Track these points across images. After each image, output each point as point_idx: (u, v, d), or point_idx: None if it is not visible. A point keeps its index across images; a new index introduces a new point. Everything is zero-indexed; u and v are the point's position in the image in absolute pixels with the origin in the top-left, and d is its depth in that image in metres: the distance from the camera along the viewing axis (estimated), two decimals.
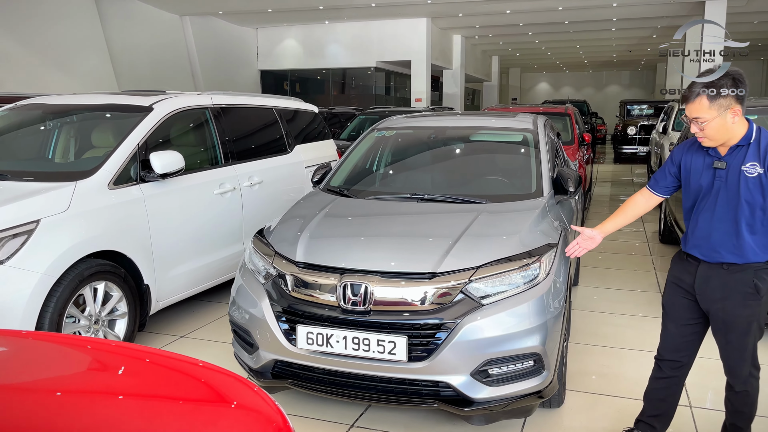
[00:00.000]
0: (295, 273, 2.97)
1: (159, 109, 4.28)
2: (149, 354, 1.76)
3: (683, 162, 2.58)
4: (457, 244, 2.97)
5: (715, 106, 2.33)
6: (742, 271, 2.43)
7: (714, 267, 2.49)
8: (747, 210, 2.38)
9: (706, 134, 2.38)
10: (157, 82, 14.52)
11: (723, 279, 2.47)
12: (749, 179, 2.36)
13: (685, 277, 2.59)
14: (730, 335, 2.50)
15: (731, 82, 2.32)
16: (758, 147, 2.36)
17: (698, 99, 2.35)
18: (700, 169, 2.50)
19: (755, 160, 2.36)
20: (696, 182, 2.51)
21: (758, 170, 2.35)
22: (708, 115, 2.34)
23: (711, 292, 2.50)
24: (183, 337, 4.34)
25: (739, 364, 2.54)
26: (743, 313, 2.44)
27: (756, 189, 2.35)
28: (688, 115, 2.39)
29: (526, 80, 40.76)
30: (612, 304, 5.03)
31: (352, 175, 4.26)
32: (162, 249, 4.09)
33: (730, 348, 2.53)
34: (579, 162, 7.97)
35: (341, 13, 17.63)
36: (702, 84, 2.35)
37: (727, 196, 2.41)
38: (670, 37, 13.67)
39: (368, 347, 2.75)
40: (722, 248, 2.45)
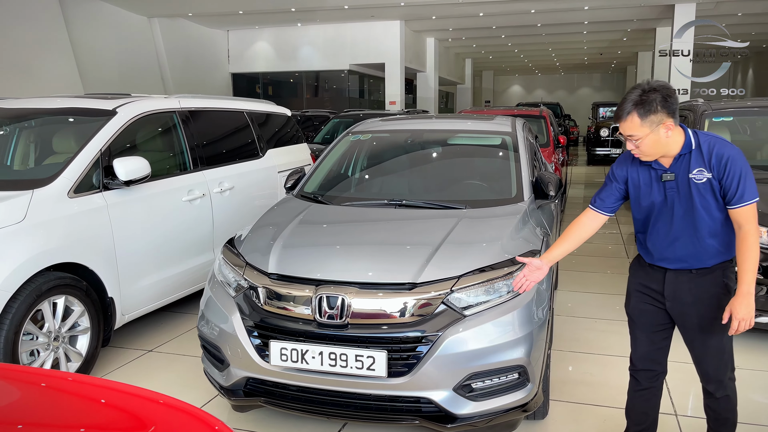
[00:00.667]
0: (268, 285, 2.82)
1: (123, 113, 4.09)
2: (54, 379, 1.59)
3: (630, 178, 2.53)
4: (437, 252, 2.85)
5: (647, 123, 2.29)
6: (711, 273, 2.41)
7: (682, 272, 2.45)
8: (705, 215, 2.36)
9: (642, 151, 2.36)
10: (125, 85, 14.17)
11: (693, 283, 2.44)
12: (699, 185, 2.35)
13: (653, 285, 2.53)
14: (709, 340, 2.45)
15: (661, 97, 2.29)
16: (701, 152, 2.35)
17: (629, 117, 2.31)
18: (649, 184, 2.47)
19: (701, 165, 2.35)
20: (647, 197, 2.48)
21: (706, 175, 2.34)
22: (641, 133, 2.31)
23: (683, 296, 2.45)
24: (151, 351, 4.14)
25: (719, 369, 2.49)
26: (718, 314, 2.38)
27: (708, 193, 2.34)
28: (622, 132, 2.37)
29: (499, 83, 41.02)
30: (592, 308, 4.97)
31: (326, 180, 4.12)
32: (127, 260, 3.89)
33: (709, 353, 2.47)
34: (555, 164, 7.93)
35: (314, 15, 17.47)
36: (632, 102, 2.30)
37: (682, 207, 2.39)
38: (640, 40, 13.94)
39: (346, 363, 2.60)
40: (688, 257, 2.42)
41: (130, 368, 3.88)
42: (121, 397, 1.53)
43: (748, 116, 5.84)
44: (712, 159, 2.33)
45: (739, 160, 2.32)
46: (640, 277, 2.59)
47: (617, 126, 2.40)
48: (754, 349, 4.12)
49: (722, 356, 2.47)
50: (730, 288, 2.40)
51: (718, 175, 2.32)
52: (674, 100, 2.32)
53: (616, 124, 2.43)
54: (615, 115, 2.40)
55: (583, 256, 6.74)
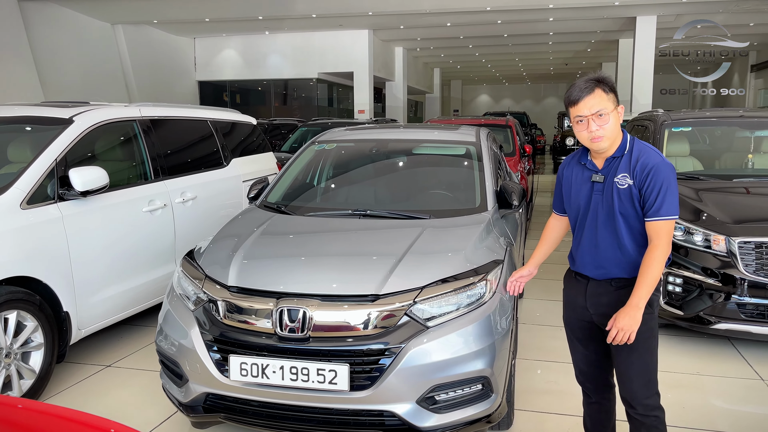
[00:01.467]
0: (228, 298, 2.76)
1: (80, 122, 3.98)
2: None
3: (565, 176, 2.51)
4: (401, 263, 2.82)
5: (611, 99, 2.26)
6: (630, 285, 2.29)
7: (602, 284, 2.39)
8: (623, 224, 2.30)
9: (606, 130, 2.26)
10: (87, 93, 13.89)
11: (613, 296, 2.35)
12: (621, 191, 2.28)
13: (578, 298, 2.48)
14: (632, 356, 2.32)
15: (609, 86, 2.27)
16: (630, 159, 2.30)
17: (597, 91, 2.24)
18: (579, 184, 2.43)
19: (626, 171, 2.29)
20: (576, 198, 2.43)
21: (628, 182, 2.28)
22: (609, 107, 2.25)
23: (604, 310, 2.37)
24: (109, 366, 4.02)
25: (643, 388, 2.34)
26: (641, 329, 2.26)
27: (627, 200, 2.27)
28: (584, 112, 2.25)
29: (467, 92, 41.43)
30: (557, 317, 4.96)
31: (290, 190, 4.07)
32: (84, 273, 3.78)
33: (632, 370, 2.34)
34: (521, 173, 8.00)
35: (282, 23, 17.42)
36: (593, 80, 2.26)
37: (604, 212, 2.33)
38: (604, 51, 14.22)
39: (307, 377, 2.55)
40: (608, 263, 2.35)
41: (86, 385, 3.76)
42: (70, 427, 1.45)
43: (706, 126, 5.98)
44: (636, 166, 2.27)
45: (665, 172, 2.24)
46: (568, 289, 2.56)
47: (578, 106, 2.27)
48: (714, 355, 4.19)
49: (647, 373, 2.34)
50: (652, 302, 2.29)
51: (639, 184, 2.26)
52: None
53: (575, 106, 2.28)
54: (572, 98, 2.28)
55: (546, 264, 6.77)
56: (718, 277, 4.01)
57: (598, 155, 2.37)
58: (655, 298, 2.34)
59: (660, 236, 2.24)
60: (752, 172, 5.34)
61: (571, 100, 2.30)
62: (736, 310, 3.98)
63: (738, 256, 3.94)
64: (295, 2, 14.63)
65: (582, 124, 2.30)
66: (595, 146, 2.31)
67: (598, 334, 2.45)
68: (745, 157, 5.60)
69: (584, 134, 2.31)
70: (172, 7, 14.93)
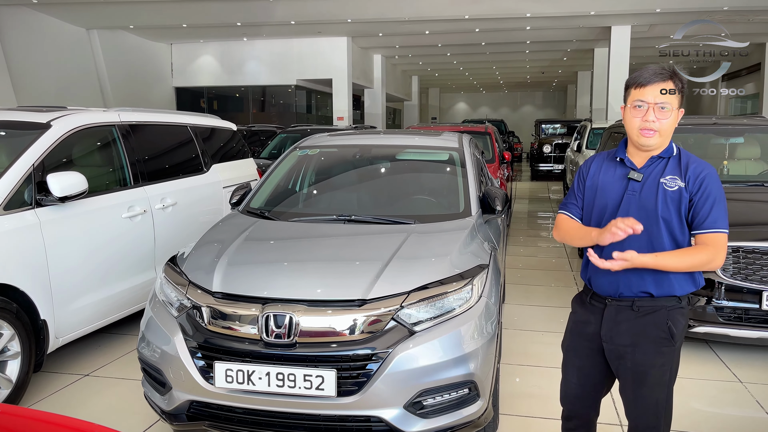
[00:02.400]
0: (212, 304, 2.72)
1: (58, 127, 3.91)
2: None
3: (591, 172, 2.28)
4: (387, 268, 2.81)
5: (678, 98, 2.09)
6: (654, 312, 2.12)
7: (623, 309, 2.16)
8: (664, 229, 2.10)
9: (662, 126, 2.07)
10: (62, 98, 13.69)
11: (632, 323, 2.14)
12: (669, 192, 2.09)
13: (589, 325, 2.25)
14: (641, 389, 2.15)
15: (681, 83, 2.11)
16: (679, 162, 2.14)
17: (669, 82, 2.07)
18: (610, 183, 2.20)
19: (676, 174, 2.12)
20: (602, 198, 2.20)
21: (679, 184, 2.09)
22: (674, 103, 2.08)
23: (619, 339, 2.16)
24: (87, 375, 3.94)
25: (652, 423, 2.18)
26: (656, 362, 2.12)
27: (673, 204, 2.09)
28: (647, 98, 2.07)
29: (445, 100, 41.71)
30: (538, 321, 5.04)
31: (273, 195, 4.04)
32: (62, 280, 3.70)
33: (640, 404, 2.17)
34: (500, 180, 8.06)
35: (260, 30, 17.36)
36: (671, 70, 2.08)
37: (640, 214, 2.09)
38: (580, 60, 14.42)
39: (294, 383, 2.53)
40: (635, 276, 2.11)
41: (64, 394, 3.68)
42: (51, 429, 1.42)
43: (682, 134, 6.08)
44: (689, 171, 2.10)
45: (717, 182, 2.10)
46: (579, 314, 2.33)
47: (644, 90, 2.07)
48: (693, 358, 4.25)
49: (656, 409, 2.17)
50: (674, 333, 2.12)
51: (692, 189, 2.08)
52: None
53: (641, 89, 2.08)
54: (641, 80, 2.08)
55: (528, 269, 6.86)
56: None
57: (639, 152, 2.18)
58: (680, 329, 2.13)
59: (717, 250, 2.06)
60: (727, 178, 5.44)
61: (639, 82, 2.09)
62: (714, 313, 4.04)
63: None
64: (273, 9, 14.60)
65: (639, 110, 2.10)
66: (643, 140, 2.11)
67: (601, 365, 2.26)
68: (721, 164, 5.72)
69: (636, 122, 2.11)
70: (148, 13, 14.79)
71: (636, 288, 2.14)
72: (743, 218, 4.48)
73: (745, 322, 4.00)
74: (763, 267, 3.93)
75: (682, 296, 2.16)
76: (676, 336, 2.14)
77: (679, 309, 2.16)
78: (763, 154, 5.69)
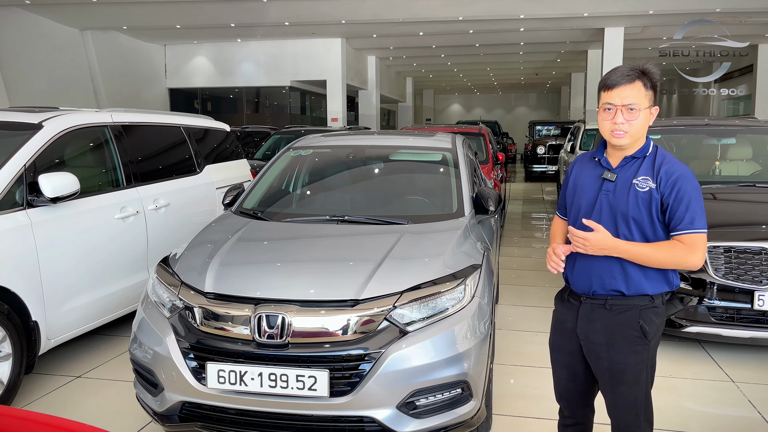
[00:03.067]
0: (204, 305, 2.72)
1: (50, 127, 3.90)
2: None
3: (573, 173, 2.32)
4: (380, 268, 2.81)
5: (648, 96, 2.10)
6: (626, 311, 2.14)
7: (596, 307, 2.19)
8: (635, 228, 2.12)
9: (632, 126, 2.08)
10: (55, 99, 13.64)
11: (606, 322, 2.17)
12: (640, 194, 2.10)
13: (567, 323, 2.30)
14: (619, 388, 2.18)
15: (652, 82, 2.11)
16: (653, 163, 2.13)
17: (636, 83, 2.08)
18: (587, 183, 2.23)
19: (648, 174, 2.11)
20: (579, 198, 2.24)
21: (650, 185, 2.10)
22: (642, 104, 2.08)
23: (594, 337, 2.19)
24: (79, 377, 3.92)
25: (632, 421, 2.21)
26: (631, 361, 2.14)
27: (644, 205, 2.10)
28: (615, 101, 2.09)
29: (439, 101, 41.76)
30: (532, 322, 5.04)
31: (266, 196, 4.04)
32: (53, 281, 3.69)
33: (620, 403, 2.20)
34: (494, 181, 8.08)
35: (254, 31, 17.35)
36: (638, 70, 2.09)
37: (612, 213, 2.14)
38: (573, 62, 14.46)
39: (286, 384, 2.53)
40: (607, 275, 2.15)
41: (56, 396, 3.66)
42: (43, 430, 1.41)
43: (674, 135, 6.12)
44: (661, 171, 2.10)
45: (692, 182, 2.09)
46: (559, 312, 2.39)
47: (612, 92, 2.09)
48: (686, 358, 4.27)
49: (635, 407, 2.19)
50: (647, 332, 2.14)
51: (663, 191, 2.09)
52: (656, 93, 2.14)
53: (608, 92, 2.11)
54: (608, 83, 2.10)
55: (521, 270, 6.87)
56: (689, 281, 4.09)
57: (615, 153, 2.20)
58: (653, 328, 2.15)
59: (694, 249, 2.06)
60: (719, 179, 5.47)
61: (606, 85, 2.12)
62: (706, 313, 4.06)
63: (708, 260, 4.02)
64: (267, 10, 14.59)
65: (608, 113, 2.12)
66: (615, 140, 2.13)
67: (585, 362, 2.29)
68: (713, 165, 5.74)
69: (607, 124, 2.13)
70: (141, 14, 14.75)
71: (608, 286, 2.17)
72: (735, 218, 4.51)
73: (737, 321, 4.02)
74: (755, 267, 3.95)
75: (655, 296, 2.16)
76: (649, 335, 2.15)
77: (653, 308, 2.16)
78: (754, 154, 5.72)
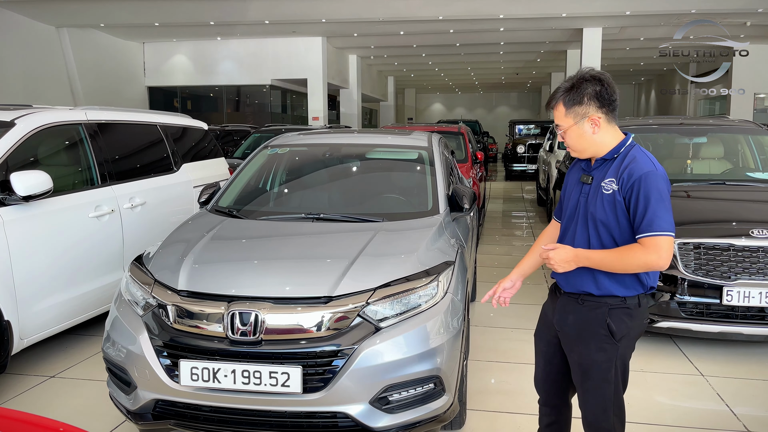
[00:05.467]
0: (178, 303, 2.71)
1: (22, 125, 3.86)
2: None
3: (566, 179, 2.38)
4: (353, 265, 2.83)
5: (571, 114, 2.15)
6: (597, 308, 2.18)
7: (572, 301, 2.24)
8: (603, 232, 2.15)
9: (567, 143, 2.21)
10: (31, 97, 13.46)
11: (579, 316, 2.22)
12: (605, 197, 2.13)
13: (548, 312, 2.40)
14: (587, 383, 2.23)
15: (593, 89, 2.12)
16: (620, 163, 2.14)
17: (557, 105, 2.19)
18: (573, 186, 2.31)
19: (614, 176, 2.13)
20: (567, 200, 2.32)
21: (613, 187, 2.12)
22: (565, 124, 2.18)
23: (567, 329, 2.26)
24: (53, 377, 3.89)
25: (600, 416, 2.24)
26: (598, 358, 2.18)
27: (610, 208, 2.12)
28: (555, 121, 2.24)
29: (421, 101, 41.85)
30: (509, 319, 5.09)
31: (242, 194, 4.04)
32: (26, 280, 3.65)
33: (589, 397, 2.25)
34: (473, 179, 8.13)
35: (234, 29, 17.25)
36: (563, 90, 2.17)
37: (584, 217, 2.19)
38: (553, 62, 14.59)
39: (259, 380, 2.54)
40: (577, 276, 2.20)
41: (29, 396, 3.63)
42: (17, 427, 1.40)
43: (649, 133, 6.21)
44: (624, 172, 2.11)
45: (655, 182, 2.05)
46: (546, 304, 2.46)
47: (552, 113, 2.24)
48: (657, 353, 4.35)
49: (604, 404, 2.22)
50: (614, 332, 2.16)
51: (625, 192, 2.09)
52: (609, 94, 2.13)
53: (551, 111, 2.26)
54: (547, 102, 2.26)
55: (501, 268, 6.92)
56: (660, 277, 4.16)
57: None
58: (622, 327, 2.17)
59: (653, 252, 2.03)
60: (691, 177, 5.57)
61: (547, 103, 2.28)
62: (677, 308, 4.13)
63: (678, 256, 4.10)
64: (247, 8, 14.52)
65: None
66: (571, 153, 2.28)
67: (560, 354, 2.36)
68: (685, 163, 5.84)
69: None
70: (119, 11, 14.59)
71: (579, 286, 2.22)
72: (705, 216, 4.59)
73: (707, 316, 4.10)
74: (724, 263, 4.03)
75: (627, 297, 2.17)
76: (617, 335, 2.17)
77: (624, 309, 2.17)
78: (726, 153, 5.84)
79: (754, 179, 5.43)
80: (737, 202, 4.87)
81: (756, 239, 4.01)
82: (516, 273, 2.48)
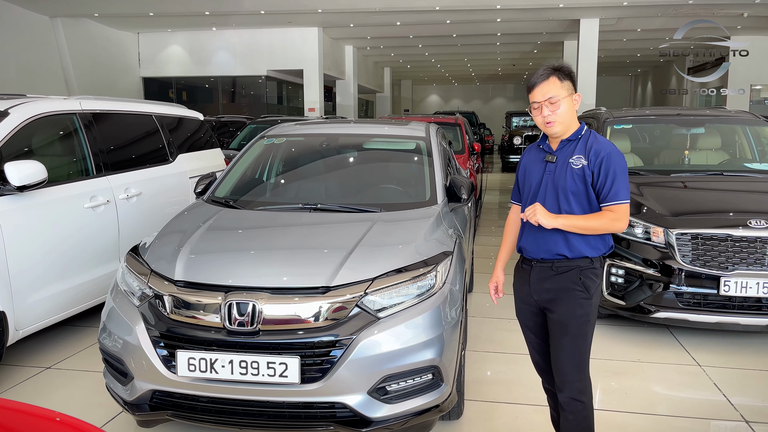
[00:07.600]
0: (174, 293, 2.70)
1: (16, 115, 3.82)
2: None
3: (523, 161, 2.64)
4: (351, 255, 2.82)
5: (565, 87, 2.42)
6: (569, 270, 2.43)
7: (545, 269, 2.47)
8: (573, 201, 2.43)
9: (558, 115, 2.42)
10: (24, 87, 13.30)
11: (554, 281, 2.46)
12: (575, 171, 2.42)
13: (523, 287, 2.57)
14: (564, 338, 2.44)
15: (569, 71, 2.44)
16: (585, 143, 2.46)
17: (551, 78, 2.41)
18: (534, 165, 2.56)
19: (581, 153, 2.44)
20: (529, 179, 2.56)
21: (582, 162, 2.42)
22: (561, 94, 2.41)
23: (545, 294, 2.48)
24: (49, 368, 3.87)
25: (574, 370, 2.44)
26: (576, 312, 2.41)
27: (580, 180, 2.42)
28: (538, 98, 2.43)
29: (418, 92, 41.71)
30: (506, 309, 5.06)
31: (239, 185, 4.01)
32: (21, 271, 3.63)
33: (564, 356, 2.44)
34: (470, 171, 8.11)
35: (229, 19, 17.12)
36: (549, 67, 2.43)
37: (554, 190, 2.45)
38: (549, 53, 14.52)
39: (257, 371, 2.52)
40: (552, 242, 2.44)
41: (25, 387, 3.61)
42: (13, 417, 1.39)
43: (646, 124, 6.20)
44: (591, 151, 2.43)
45: (617, 159, 2.40)
46: (516, 280, 2.63)
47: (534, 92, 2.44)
48: (654, 343, 4.36)
49: (577, 358, 2.44)
50: (589, 287, 2.42)
51: (592, 167, 2.40)
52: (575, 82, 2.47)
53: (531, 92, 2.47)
54: (530, 83, 2.45)
55: None
56: (658, 267, 4.16)
57: (554, 140, 2.52)
58: (593, 285, 2.44)
59: (619, 216, 2.38)
60: (688, 167, 5.57)
61: (528, 87, 2.47)
62: (674, 299, 4.14)
63: (676, 247, 4.10)
64: None
65: (537, 110, 2.46)
66: (549, 130, 2.47)
67: (542, 326, 2.55)
68: (682, 154, 5.84)
69: (539, 119, 2.47)
70: (114, 1, 14.47)
71: (554, 251, 2.46)
72: (702, 206, 4.60)
73: (704, 307, 4.10)
74: (721, 253, 4.03)
75: (594, 258, 2.46)
76: (591, 290, 2.44)
77: (592, 269, 2.46)
78: (723, 144, 5.83)
79: (752, 170, 5.43)
80: (734, 193, 4.87)
81: (753, 230, 4.01)
82: (498, 268, 2.76)
